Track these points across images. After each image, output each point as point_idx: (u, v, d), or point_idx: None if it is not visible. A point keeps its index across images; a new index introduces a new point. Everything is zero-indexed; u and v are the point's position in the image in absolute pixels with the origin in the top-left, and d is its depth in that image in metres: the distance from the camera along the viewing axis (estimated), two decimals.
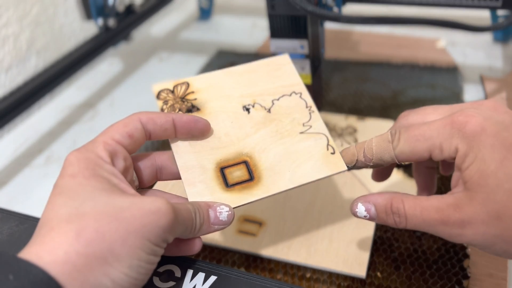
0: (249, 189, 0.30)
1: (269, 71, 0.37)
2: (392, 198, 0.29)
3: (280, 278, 0.38)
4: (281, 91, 0.35)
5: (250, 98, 0.35)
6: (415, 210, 0.28)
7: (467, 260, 0.37)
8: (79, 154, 0.27)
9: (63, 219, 0.23)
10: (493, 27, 0.44)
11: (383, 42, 0.74)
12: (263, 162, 0.32)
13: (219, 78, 0.36)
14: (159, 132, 0.30)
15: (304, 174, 0.31)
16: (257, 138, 0.33)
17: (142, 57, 0.80)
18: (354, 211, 0.30)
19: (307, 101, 0.35)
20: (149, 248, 0.24)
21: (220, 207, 0.29)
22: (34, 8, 0.68)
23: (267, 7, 0.46)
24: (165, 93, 0.34)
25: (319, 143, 0.33)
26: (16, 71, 0.67)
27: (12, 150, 0.60)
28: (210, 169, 0.31)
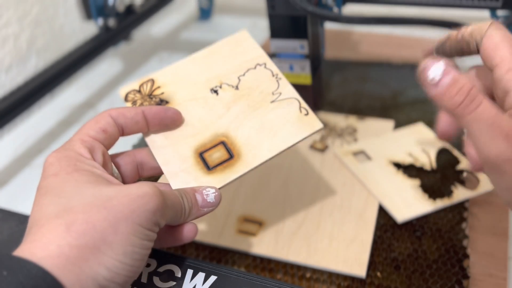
0: (231, 167, 0.31)
1: (230, 49, 0.37)
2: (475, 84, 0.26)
3: (280, 278, 0.38)
4: (245, 66, 0.36)
5: (216, 79, 0.35)
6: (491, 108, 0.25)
7: (467, 260, 0.37)
8: (58, 154, 0.27)
9: (52, 216, 0.24)
10: None
11: (383, 42, 0.74)
12: (240, 138, 0.32)
13: (183, 67, 0.36)
14: (131, 126, 0.31)
15: (281, 140, 0.32)
16: (230, 117, 0.33)
17: (142, 57, 0.80)
18: (428, 66, 0.26)
19: (272, 70, 0.35)
20: (142, 233, 0.25)
21: (206, 189, 0.29)
22: (34, 8, 0.68)
23: (267, 7, 0.46)
24: (133, 94, 0.35)
25: (291, 107, 0.33)
26: (16, 71, 0.67)
27: (12, 150, 0.60)
28: (189, 156, 0.32)
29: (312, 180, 0.46)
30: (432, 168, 0.46)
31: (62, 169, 0.26)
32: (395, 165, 0.47)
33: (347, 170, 0.47)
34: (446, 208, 0.42)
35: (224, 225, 0.42)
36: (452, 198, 0.43)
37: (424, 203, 0.42)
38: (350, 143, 0.51)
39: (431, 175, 0.45)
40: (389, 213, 0.42)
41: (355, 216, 0.42)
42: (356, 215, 0.42)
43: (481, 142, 0.25)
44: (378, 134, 0.51)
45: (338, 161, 0.48)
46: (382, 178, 0.45)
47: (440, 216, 0.42)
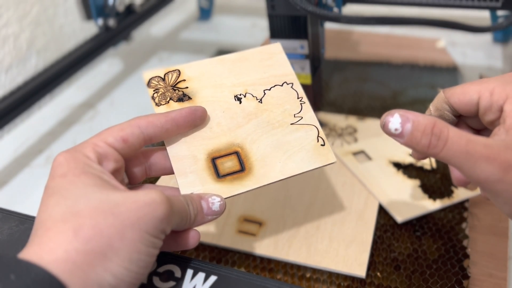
0: (240, 179, 0.31)
1: (261, 59, 0.36)
2: (437, 120, 0.27)
3: (280, 278, 0.38)
4: (273, 81, 0.35)
5: (242, 87, 0.35)
6: (460, 139, 0.25)
7: (467, 260, 0.37)
8: (67, 154, 0.27)
9: (58, 219, 0.24)
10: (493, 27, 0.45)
11: (383, 42, 0.74)
12: (254, 153, 0.32)
13: (211, 66, 0.36)
14: (160, 134, 0.30)
15: (294, 166, 0.32)
16: (248, 129, 0.33)
17: (142, 57, 0.80)
18: (387, 121, 0.27)
19: (298, 92, 0.35)
20: (148, 240, 0.25)
21: (212, 197, 0.29)
22: (34, 8, 0.68)
23: (267, 7, 0.46)
24: (156, 81, 0.34)
25: (309, 134, 0.33)
26: (16, 71, 0.67)
27: (12, 150, 0.60)
28: (201, 159, 0.31)
29: (312, 180, 0.46)
30: (432, 168, 0.46)
31: (70, 171, 0.26)
32: (395, 165, 0.47)
33: (347, 170, 0.47)
34: (446, 208, 0.42)
35: (224, 225, 0.42)
36: (452, 198, 0.43)
37: (424, 203, 0.42)
38: (350, 143, 0.51)
39: (431, 175, 0.45)
40: (389, 213, 0.42)
41: (355, 216, 0.42)
42: (356, 215, 0.42)
43: (466, 170, 0.25)
44: (378, 134, 0.51)
45: (338, 161, 0.48)
46: (382, 178, 0.45)
47: (440, 216, 0.42)
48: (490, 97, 0.27)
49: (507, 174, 0.24)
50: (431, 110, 0.31)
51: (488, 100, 0.27)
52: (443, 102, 0.30)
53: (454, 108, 0.29)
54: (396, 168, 0.46)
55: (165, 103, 0.33)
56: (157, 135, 0.30)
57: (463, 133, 0.26)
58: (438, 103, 0.30)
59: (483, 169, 0.25)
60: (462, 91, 0.29)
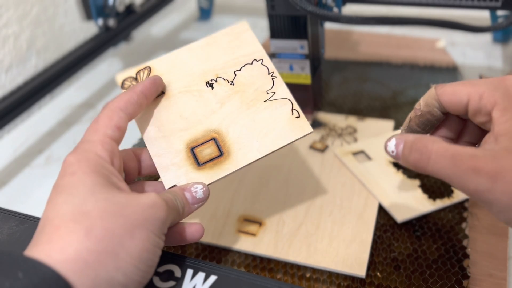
0: (220, 164, 0.32)
1: (229, 41, 0.37)
2: (423, 136, 0.28)
3: (280, 278, 0.38)
4: (243, 61, 0.36)
5: (213, 72, 0.35)
6: (446, 152, 0.26)
7: (466, 260, 0.37)
8: (78, 155, 0.27)
9: (68, 218, 0.24)
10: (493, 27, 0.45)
11: (383, 42, 0.74)
12: (231, 137, 0.33)
13: (181, 56, 0.36)
14: (137, 110, 0.31)
15: (271, 142, 0.32)
16: (223, 113, 0.33)
17: (142, 57, 0.80)
18: (386, 145, 0.30)
19: (269, 68, 0.35)
20: (154, 240, 0.26)
21: (194, 186, 0.30)
22: (34, 8, 0.68)
23: (267, 7, 0.46)
24: (129, 81, 0.35)
25: (284, 108, 0.33)
26: (16, 71, 0.67)
27: (12, 150, 0.60)
28: (180, 150, 0.32)
29: (312, 180, 0.46)
30: None
31: (80, 169, 0.26)
32: (395, 165, 0.47)
33: (347, 170, 0.47)
34: (446, 208, 0.42)
35: (224, 225, 0.42)
36: (452, 198, 0.43)
37: (424, 203, 0.42)
38: (350, 143, 0.51)
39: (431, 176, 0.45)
40: (389, 213, 0.42)
41: (355, 216, 0.42)
42: (356, 215, 0.42)
43: (455, 183, 0.26)
44: (378, 134, 0.51)
45: (338, 161, 0.48)
46: (382, 178, 0.45)
47: (440, 216, 0.42)
48: (479, 101, 0.27)
49: (495, 184, 0.24)
50: (420, 104, 0.31)
51: (477, 104, 0.27)
52: (433, 99, 0.30)
53: (443, 106, 0.30)
54: (396, 168, 0.46)
55: None
56: (135, 112, 0.31)
57: (449, 145, 0.26)
58: (428, 99, 0.30)
59: (472, 181, 0.25)
60: (453, 91, 0.29)
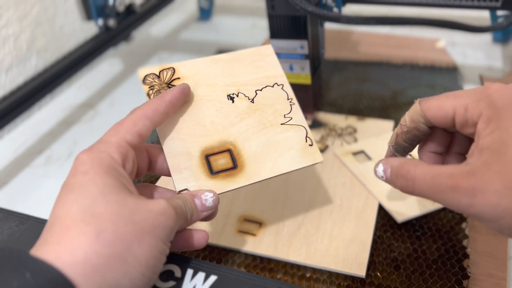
0: (232, 176, 0.32)
1: (253, 61, 0.38)
2: (406, 161, 0.29)
3: (280, 278, 0.38)
4: (264, 82, 0.37)
5: (235, 87, 0.36)
6: (426, 175, 0.27)
7: (467, 260, 0.37)
8: (92, 154, 0.27)
9: (79, 218, 0.24)
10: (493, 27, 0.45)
11: (383, 42, 0.74)
12: (246, 151, 0.33)
13: (205, 65, 0.37)
14: (163, 119, 0.31)
15: (284, 164, 0.33)
16: (241, 128, 0.34)
17: (142, 57, 0.80)
18: (375, 170, 0.31)
19: (288, 93, 0.37)
20: (162, 247, 0.26)
21: (205, 194, 0.30)
22: (35, 8, 0.68)
23: (267, 7, 0.46)
24: (151, 78, 0.35)
25: (298, 134, 0.35)
26: (17, 71, 0.67)
27: (12, 150, 0.60)
28: (195, 156, 0.32)
29: (312, 180, 0.46)
30: None
31: (93, 169, 0.26)
32: None
33: (347, 170, 0.47)
34: (446, 208, 0.42)
35: (224, 225, 0.42)
36: None
37: (424, 203, 0.42)
38: (350, 143, 0.51)
39: None
40: (389, 213, 0.42)
41: (355, 216, 0.42)
42: (356, 215, 0.42)
43: (440, 201, 0.27)
44: (378, 134, 0.51)
45: (338, 161, 0.48)
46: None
47: (440, 216, 0.42)
48: (464, 113, 0.27)
49: (475, 199, 0.25)
50: (406, 121, 0.31)
51: (463, 116, 0.27)
52: (418, 114, 0.30)
53: (429, 121, 0.30)
54: None
55: None
56: (161, 121, 0.31)
57: (430, 168, 0.27)
58: (414, 115, 0.31)
59: (452, 199, 0.26)
60: (438, 106, 0.29)
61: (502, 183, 0.24)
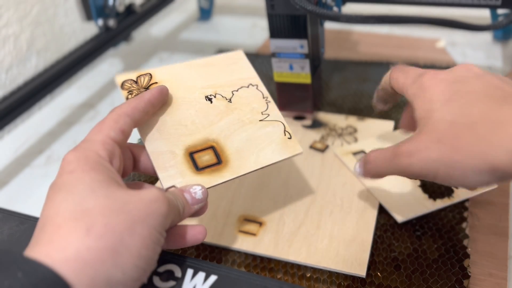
0: (218, 171, 0.33)
1: (227, 65, 0.39)
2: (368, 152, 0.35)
3: (280, 278, 0.38)
4: (239, 83, 0.38)
5: (212, 89, 0.37)
6: (379, 153, 0.34)
7: (467, 260, 0.37)
8: (77, 153, 0.27)
9: (68, 216, 0.24)
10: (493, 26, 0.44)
11: (383, 42, 0.74)
12: (229, 147, 0.34)
13: (181, 70, 0.38)
14: (143, 117, 0.31)
15: (266, 157, 0.35)
16: (221, 126, 0.35)
17: (142, 57, 0.80)
18: (354, 170, 0.37)
19: (263, 93, 0.39)
20: (155, 237, 0.25)
21: (193, 188, 0.31)
22: (35, 8, 0.68)
23: (267, 6, 0.46)
24: (129, 83, 0.35)
25: (277, 129, 0.37)
26: (17, 71, 0.67)
27: (12, 150, 0.60)
28: (179, 154, 0.33)
29: (312, 180, 0.46)
30: None
31: (79, 167, 0.26)
32: None
33: (347, 170, 0.47)
34: (446, 208, 0.42)
35: (224, 225, 0.42)
36: (453, 198, 0.43)
37: (424, 203, 0.42)
38: (351, 143, 0.51)
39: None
40: (389, 213, 0.42)
41: (355, 216, 0.42)
42: (356, 215, 0.42)
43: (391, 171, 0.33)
44: (378, 134, 0.51)
45: (338, 161, 0.48)
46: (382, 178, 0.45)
47: (441, 216, 0.42)
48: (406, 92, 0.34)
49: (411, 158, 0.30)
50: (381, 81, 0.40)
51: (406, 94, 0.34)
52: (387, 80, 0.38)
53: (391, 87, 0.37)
54: None
55: None
56: (141, 119, 0.31)
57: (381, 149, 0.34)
58: (385, 79, 0.39)
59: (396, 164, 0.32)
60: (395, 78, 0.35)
61: (430, 140, 0.29)
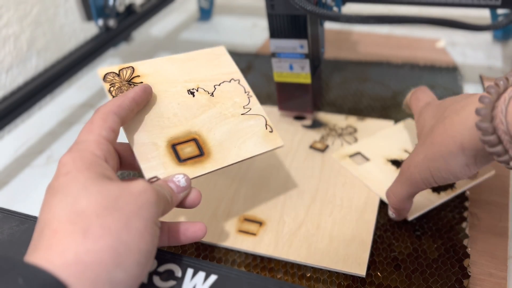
0: (200, 163, 0.33)
1: (209, 60, 0.40)
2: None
3: (280, 278, 0.38)
4: (221, 78, 0.39)
5: (194, 83, 0.38)
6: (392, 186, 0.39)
7: (467, 260, 0.37)
8: (73, 154, 0.27)
9: (64, 220, 0.23)
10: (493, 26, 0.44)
11: (383, 42, 0.74)
12: (211, 140, 0.35)
13: (163, 64, 0.38)
14: (129, 115, 0.31)
15: (248, 149, 0.35)
16: (204, 119, 0.36)
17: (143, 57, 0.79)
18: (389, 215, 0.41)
19: (245, 87, 0.39)
20: (151, 229, 0.26)
21: (176, 177, 0.31)
22: (35, 9, 0.68)
23: (267, 6, 0.46)
24: (112, 76, 0.36)
25: (259, 123, 0.37)
26: (17, 71, 0.67)
27: (13, 150, 0.60)
28: (161, 146, 0.33)
29: (312, 180, 0.46)
30: None
31: (75, 168, 0.26)
32: (393, 163, 0.47)
33: (347, 170, 0.47)
34: (446, 208, 0.42)
35: (224, 225, 0.42)
36: (455, 189, 0.42)
37: (429, 197, 0.42)
38: (351, 143, 0.51)
39: None
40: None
41: (355, 215, 0.42)
42: (356, 214, 0.42)
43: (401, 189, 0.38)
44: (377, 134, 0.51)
45: (339, 161, 0.48)
46: (383, 177, 0.45)
47: (440, 216, 0.42)
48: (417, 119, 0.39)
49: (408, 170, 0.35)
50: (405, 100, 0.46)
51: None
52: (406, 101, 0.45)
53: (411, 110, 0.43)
54: (395, 166, 0.46)
55: None
56: (127, 116, 0.31)
57: None
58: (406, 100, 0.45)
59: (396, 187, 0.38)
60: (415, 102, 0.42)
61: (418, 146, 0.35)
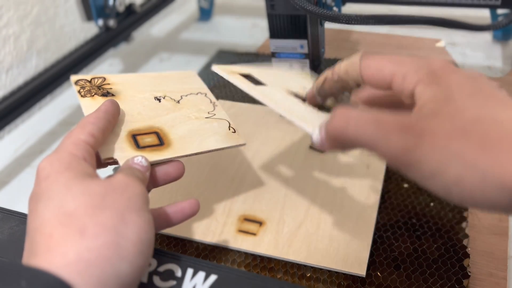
0: (159, 151, 0.33)
1: (179, 78, 0.42)
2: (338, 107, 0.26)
3: (280, 277, 0.38)
4: (189, 91, 0.40)
5: (161, 93, 0.39)
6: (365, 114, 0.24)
7: (467, 260, 0.37)
8: (50, 158, 0.27)
9: (55, 223, 0.23)
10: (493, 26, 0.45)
11: (383, 42, 0.74)
12: (174, 133, 0.35)
13: (134, 78, 0.40)
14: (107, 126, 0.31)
15: (208, 144, 0.36)
16: (168, 119, 0.36)
17: (143, 57, 0.80)
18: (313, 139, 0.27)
19: (211, 99, 0.41)
20: (144, 216, 0.26)
21: (136, 158, 0.30)
22: (35, 9, 0.68)
23: (267, 6, 0.46)
24: (83, 82, 0.37)
25: (222, 125, 0.38)
26: (17, 71, 0.67)
27: (13, 150, 0.60)
28: (122, 135, 0.33)
29: (312, 180, 0.46)
30: None
31: (53, 170, 0.26)
32: (296, 96, 0.36)
33: (347, 170, 0.47)
34: (446, 208, 0.42)
35: (224, 224, 0.42)
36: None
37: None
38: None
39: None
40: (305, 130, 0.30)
41: (355, 215, 0.42)
42: (356, 214, 0.42)
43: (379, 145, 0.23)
44: None
45: (338, 161, 0.48)
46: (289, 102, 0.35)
47: (440, 216, 0.42)
48: (402, 82, 0.25)
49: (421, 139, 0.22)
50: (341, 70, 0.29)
51: (400, 85, 0.25)
52: (355, 70, 0.28)
53: (364, 80, 0.28)
54: (300, 99, 0.36)
55: (90, 96, 0.35)
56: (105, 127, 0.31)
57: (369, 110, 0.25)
58: (350, 69, 0.28)
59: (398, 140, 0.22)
60: (377, 68, 0.27)
61: (454, 126, 0.22)
